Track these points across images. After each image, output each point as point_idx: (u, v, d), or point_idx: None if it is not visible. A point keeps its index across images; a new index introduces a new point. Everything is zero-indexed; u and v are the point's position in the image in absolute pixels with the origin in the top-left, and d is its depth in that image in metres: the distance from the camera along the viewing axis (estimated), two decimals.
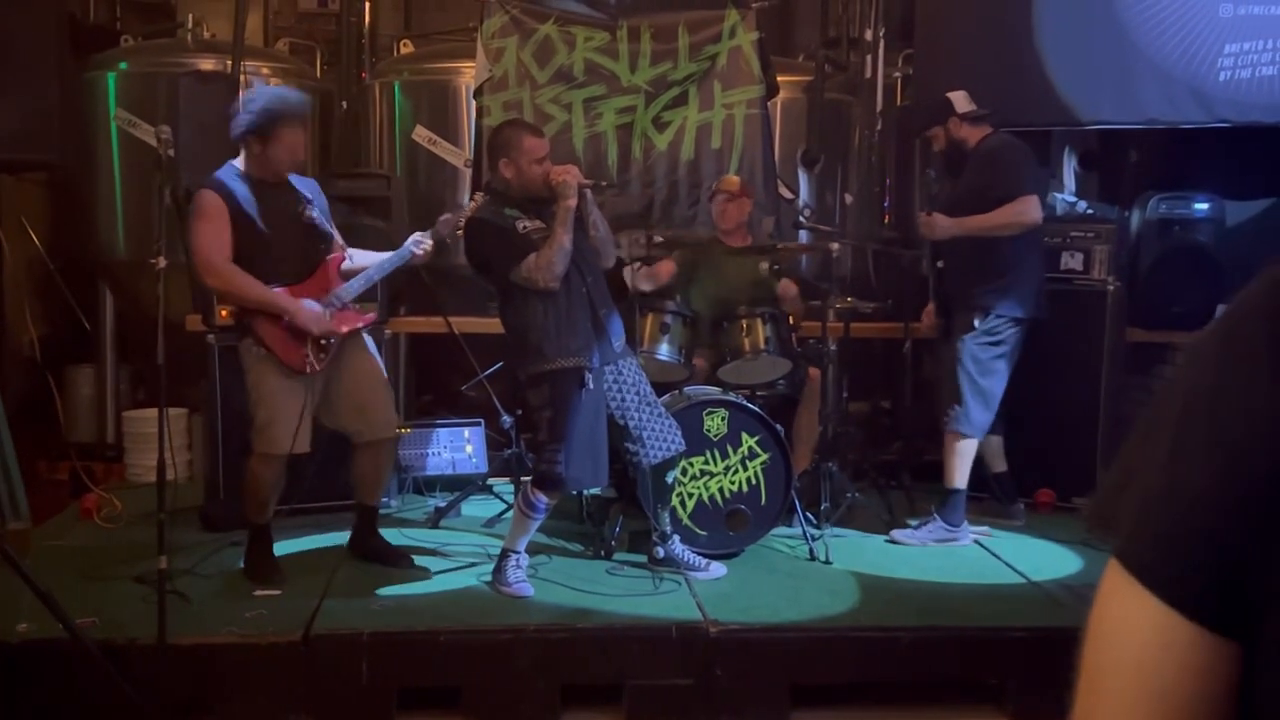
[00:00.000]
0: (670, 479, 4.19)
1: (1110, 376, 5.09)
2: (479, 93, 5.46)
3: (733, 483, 4.38)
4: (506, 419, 5.05)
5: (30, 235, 6.09)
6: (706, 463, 4.37)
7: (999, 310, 4.52)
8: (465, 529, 4.81)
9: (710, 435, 4.37)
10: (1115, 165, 6.14)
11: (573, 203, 3.84)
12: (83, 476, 5.25)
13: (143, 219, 5.53)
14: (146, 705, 3.18)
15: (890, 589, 4.11)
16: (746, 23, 5.50)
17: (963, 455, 4.60)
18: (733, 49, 5.51)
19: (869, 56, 6.19)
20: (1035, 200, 4.52)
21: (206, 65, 5.72)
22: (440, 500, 5.07)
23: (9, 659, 3.35)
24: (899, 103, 6.30)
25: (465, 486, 5.16)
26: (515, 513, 4.02)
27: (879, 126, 6.18)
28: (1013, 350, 4.58)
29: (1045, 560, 4.43)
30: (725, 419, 4.38)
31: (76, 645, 3.17)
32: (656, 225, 5.24)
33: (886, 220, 6.31)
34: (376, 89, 6.01)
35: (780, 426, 4.46)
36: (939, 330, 4.98)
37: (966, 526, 4.68)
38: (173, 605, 3.43)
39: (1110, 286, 5.13)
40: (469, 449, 5.42)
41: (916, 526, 4.68)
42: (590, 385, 3.84)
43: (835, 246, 4.91)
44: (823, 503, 4.64)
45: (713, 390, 4.53)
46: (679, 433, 4.13)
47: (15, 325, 6.06)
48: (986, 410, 4.58)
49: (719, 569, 4.22)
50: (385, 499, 4.67)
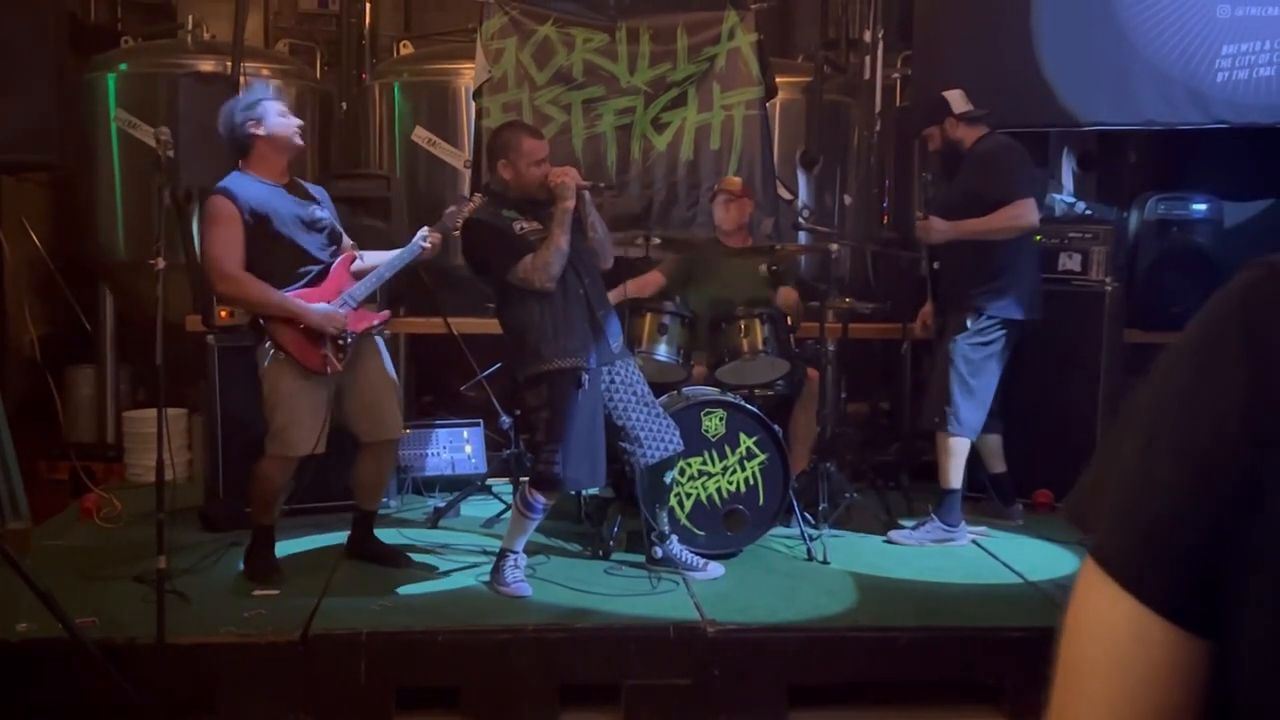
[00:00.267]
0: (668, 479, 4.19)
1: (1108, 377, 5.09)
2: (478, 94, 5.47)
3: (730, 483, 4.38)
4: (505, 419, 5.05)
5: (31, 236, 6.10)
6: (704, 463, 4.38)
7: (992, 311, 4.52)
8: (464, 529, 4.82)
9: (708, 436, 4.38)
10: (1114, 166, 6.16)
11: (570, 204, 3.85)
12: (82, 477, 5.26)
13: (143, 220, 5.54)
14: (146, 704, 3.19)
15: (888, 589, 4.12)
16: (745, 24, 5.52)
17: (955, 455, 4.60)
18: (732, 50, 5.52)
19: (868, 58, 6.19)
20: (1032, 203, 4.52)
21: (206, 66, 5.73)
22: (439, 500, 5.08)
23: (9, 658, 3.36)
24: (898, 104, 6.31)
25: (464, 487, 5.16)
26: (513, 513, 4.03)
27: (878, 128, 6.18)
28: (1004, 351, 4.58)
29: (1042, 560, 4.43)
30: (723, 419, 4.39)
31: (76, 645, 3.18)
32: (655, 226, 5.25)
33: (885, 221, 6.32)
34: (376, 90, 6.02)
35: (778, 427, 4.47)
36: (935, 330, 4.99)
37: (964, 527, 4.68)
38: (172, 605, 3.45)
39: (1108, 287, 5.14)
40: (468, 449, 5.43)
41: (914, 527, 4.69)
42: (587, 386, 3.85)
43: (834, 247, 4.92)
44: (820, 503, 4.65)
45: (711, 391, 4.53)
46: (677, 433, 4.14)
47: (16, 325, 6.08)
48: (978, 410, 4.58)
49: (717, 569, 4.23)
50: (385, 499, 4.67)
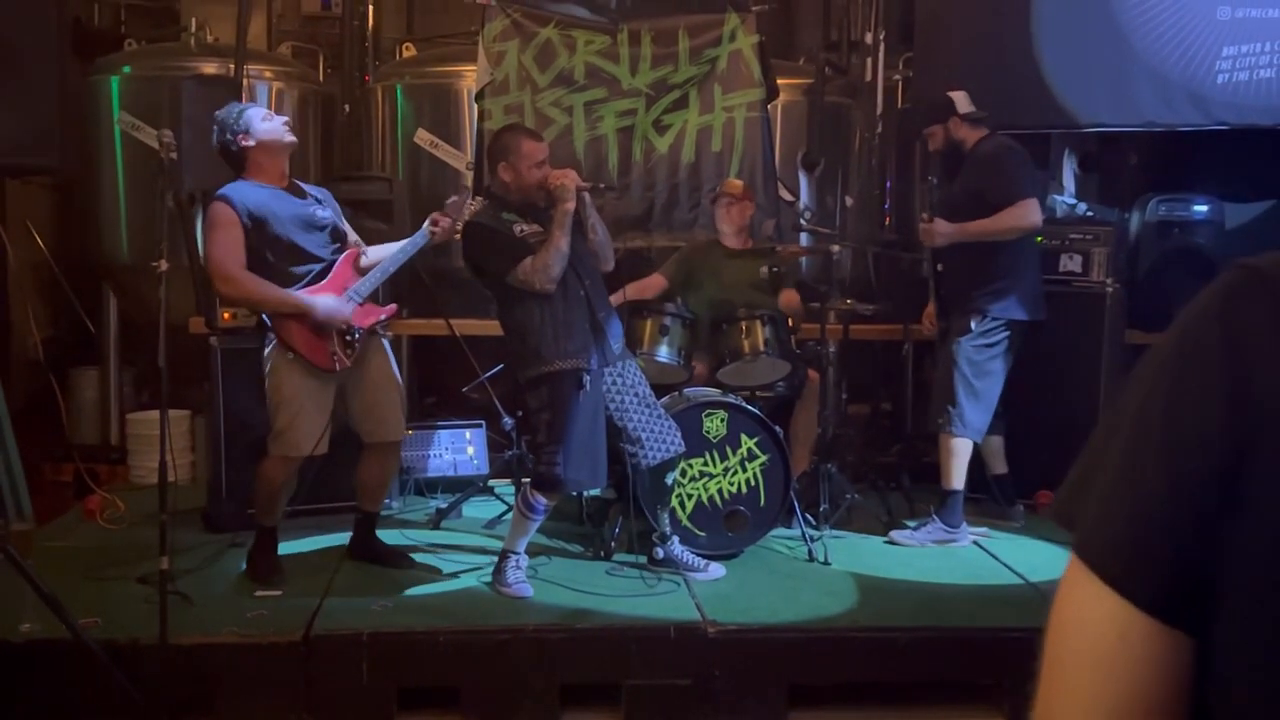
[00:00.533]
0: (669, 480, 4.20)
1: (1109, 378, 5.09)
2: (480, 96, 5.48)
3: (732, 484, 4.39)
4: (508, 420, 5.06)
5: (35, 238, 6.12)
6: (706, 464, 4.39)
7: (995, 312, 4.53)
8: (466, 530, 4.83)
9: (709, 437, 4.39)
10: (1115, 167, 6.17)
11: (571, 206, 3.86)
12: (86, 478, 5.27)
13: (146, 222, 5.54)
14: (148, 704, 3.21)
15: (888, 590, 4.12)
16: (746, 26, 5.53)
17: (958, 456, 4.60)
18: (733, 52, 5.53)
19: (869, 59, 6.20)
20: (1035, 204, 4.53)
21: (209, 69, 5.75)
22: (441, 501, 5.09)
23: (12, 658, 3.37)
24: (899, 105, 6.32)
25: (466, 488, 5.18)
26: (515, 514, 4.04)
27: (879, 129, 6.19)
28: (1008, 352, 4.59)
29: (1043, 561, 4.43)
30: (724, 420, 4.40)
31: (79, 645, 3.20)
32: (657, 228, 5.26)
33: (887, 223, 6.32)
34: (379, 92, 6.04)
35: (779, 428, 4.48)
36: (938, 332, 5.00)
37: (965, 528, 4.69)
38: (175, 605, 3.46)
39: (1109, 288, 5.14)
40: (470, 450, 5.44)
41: (915, 528, 4.69)
42: (588, 387, 3.86)
43: (835, 249, 4.93)
44: (822, 504, 4.65)
45: (712, 392, 4.54)
46: (678, 434, 4.15)
47: (20, 328, 6.10)
48: (982, 412, 4.59)
49: (718, 570, 4.23)
50: (387, 500, 4.69)
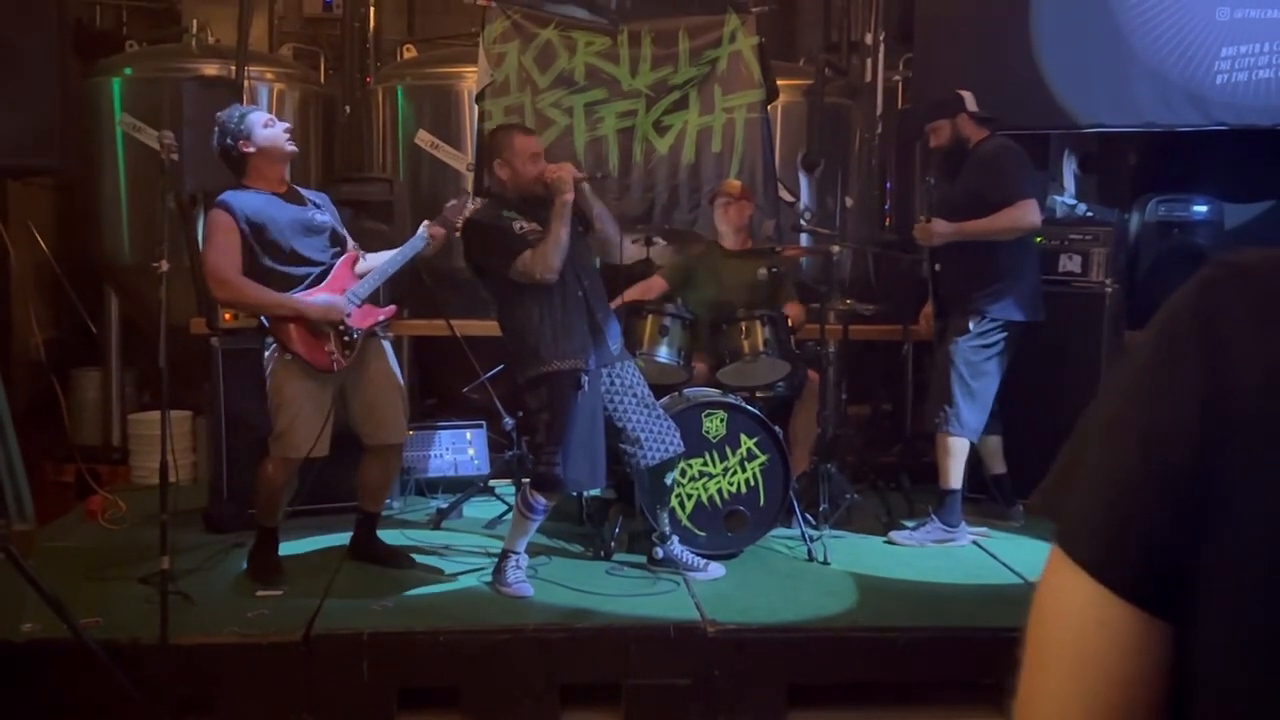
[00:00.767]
0: (669, 480, 4.21)
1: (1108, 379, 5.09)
2: (480, 97, 5.50)
3: (731, 484, 4.40)
4: (508, 421, 5.07)
5: (37, 239, 6.13)
6: (705, 464, 4.40)
7: (993, 313, 4.54)
8: (466, 530, 4.84)
9: (709, 437, 4.40)
10: (1114, 168, 6.18)
11: (569, 197, 3.86)
12: (88, 479, 5.28)
13: (147, 223, 5.56)
14: (149, 704, 3.21)
15: (888, 590, 4.13)
16: (746, 27, 5.53)
17: (955, 455, 4.61)
18: (733, 53, 5.54)
19: (869, 60, 6.22)
20: (1034, 204, 4.53)
21: (211, 70, 5.77)
22: (442, 502, 5.10)
23: (14, 658, 3.38)
24: (899, 106, 6.33)
25: (467, 488, 5.19)
26: (514, 514, 4.04)
27: (879, 130, 6.21)
28: (1005, 353, 4.60)
29: (1042, 561, 4.41)
30: (724, 421, 4.41)
31: (80, 645, 3.21)
32: (657, 228, 5.27)
33: (886, 223, 6.34)
34: (380, 94, 6.05)
35: (779, 428, 4.49)
36: (935, 331, 5.00)
37: (964, 527, 4.69)
38: (175, 606, 3.46)
39: (1108, 289, 5.14)
40: (471, 451, 5.45)
41: (914, 528, 4.70)
42: (587, 387, 3.87)
43: (835, 249, 4.94)
44: (821, 504, 4.66)
45: (711, 392, 4.55)
46: (677, 434, 4.15)
47: (22, 328, 6.11)
48: (978, 412, 4.59)
49: (717, 570, 4.24)
50: (388, 500, 4.69)
